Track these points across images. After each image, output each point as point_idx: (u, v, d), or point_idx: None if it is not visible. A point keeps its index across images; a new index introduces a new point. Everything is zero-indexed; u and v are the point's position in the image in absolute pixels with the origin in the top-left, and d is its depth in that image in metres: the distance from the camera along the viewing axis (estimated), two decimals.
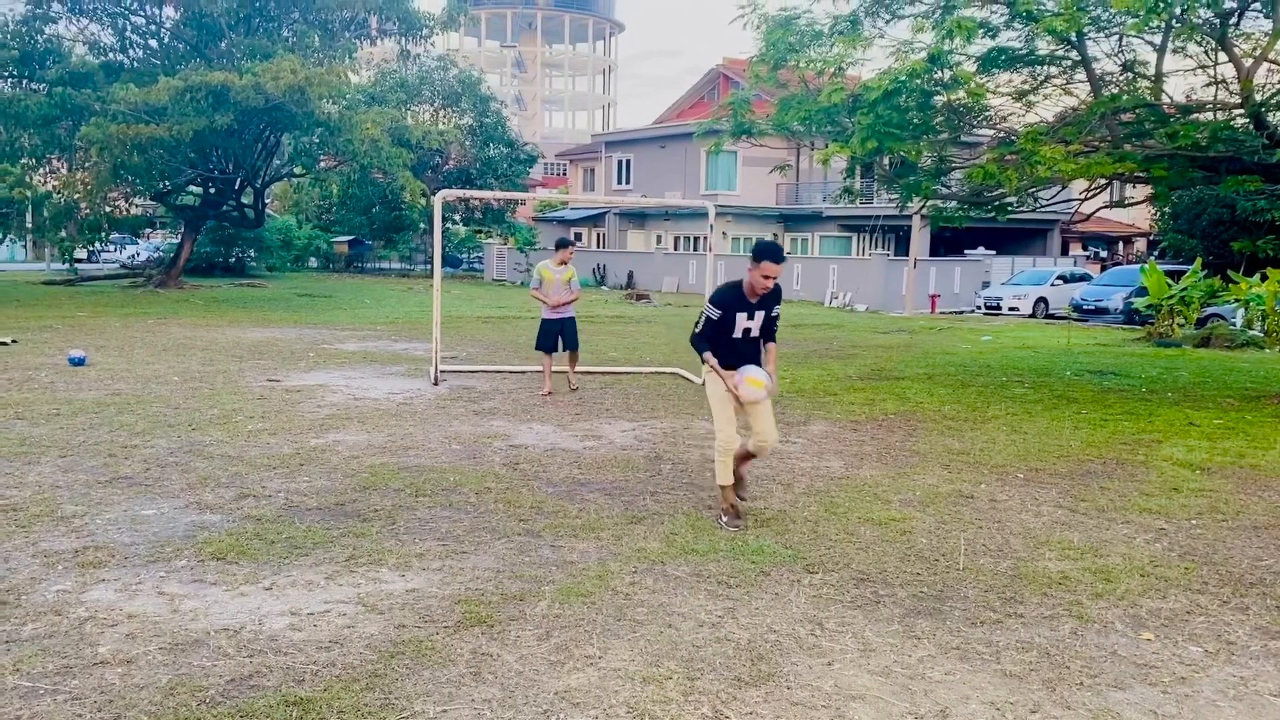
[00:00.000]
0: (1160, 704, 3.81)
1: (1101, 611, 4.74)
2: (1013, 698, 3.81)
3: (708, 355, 6.08)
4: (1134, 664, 4.16)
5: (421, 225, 43.69)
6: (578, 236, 47.63)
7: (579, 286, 11.60)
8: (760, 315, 6.08)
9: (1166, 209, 30.15)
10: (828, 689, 3.84)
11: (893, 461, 8.01)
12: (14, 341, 14.56)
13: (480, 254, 49.50)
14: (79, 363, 12.25)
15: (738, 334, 6.06)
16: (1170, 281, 22.21)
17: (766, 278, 5.90)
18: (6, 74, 25.87)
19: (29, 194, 27.41)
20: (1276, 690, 3.95)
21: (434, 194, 12.44)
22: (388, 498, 6.47)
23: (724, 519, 6.05)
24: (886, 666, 4.07)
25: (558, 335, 11.30)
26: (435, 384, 11.61)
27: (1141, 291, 23.43)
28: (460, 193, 24.91)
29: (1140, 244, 45.21)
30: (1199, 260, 23.33)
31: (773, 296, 6.08)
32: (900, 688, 3.88)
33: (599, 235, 48.16)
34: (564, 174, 61.66)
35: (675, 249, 43.03)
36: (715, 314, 6.01)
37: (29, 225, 31.33)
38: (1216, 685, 3.99)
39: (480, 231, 49.84)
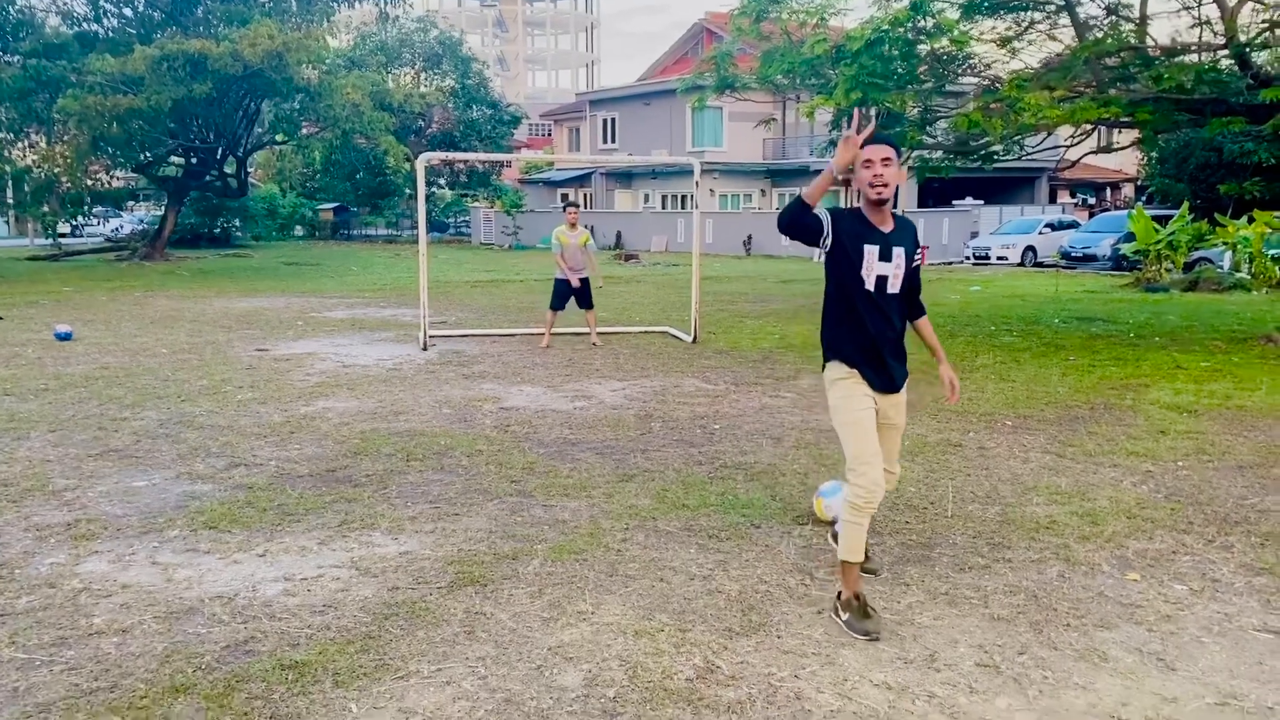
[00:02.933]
0: (1146, 642, 3.86)
1: (1088, 554, 4.79)
2: (1000, 640, 3.86)
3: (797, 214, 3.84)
4: (1120, 604, 4.22)
5: (407, 190, 43.50)
6: (564, 197, 47.42)
7: (595, 248, 12.33)
8: (899, 258, 3.98)
9: (1153, 154, 30.08)
10: (818, 637, 3.89)
11: None
12: (0, 318, 14.48)
13: (467, 218, 49.23)
14: (65, 337, 12.19)
15: (869, 284, 3.96)
16: (1158, 226, 22.22)
17: (869, 166, 3.88)
18: None
19: (8, 169, 27.16)
20: (1260, 625, 4.01)
21: (417, 158, 12.37)
22: (379, 463, 6.48)
23: (844, 616, 3.95)
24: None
25: (569, 296, 11.87)
26: (424, 349, 11.60)
27: (1129, 237, 23.45)
28: (443, 155, 24.85)
29: (1128, 190, 45.17)
30: (1186, 204, 23.33)
31: (909, 233, 4.09)
32: (889, 633, 3.92)
33: (586, 196, 47.94)
34: (549, 134, 61.19)
35: (663, 208, 42.88)
36: (826, 223, 3.89)
37: (10, 200, 31.04)
38: (1201, 622, 4.05)
39: (466, 195, 49.57)
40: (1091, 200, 44.62)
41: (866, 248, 3.93)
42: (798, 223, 3.85)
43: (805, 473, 6.21)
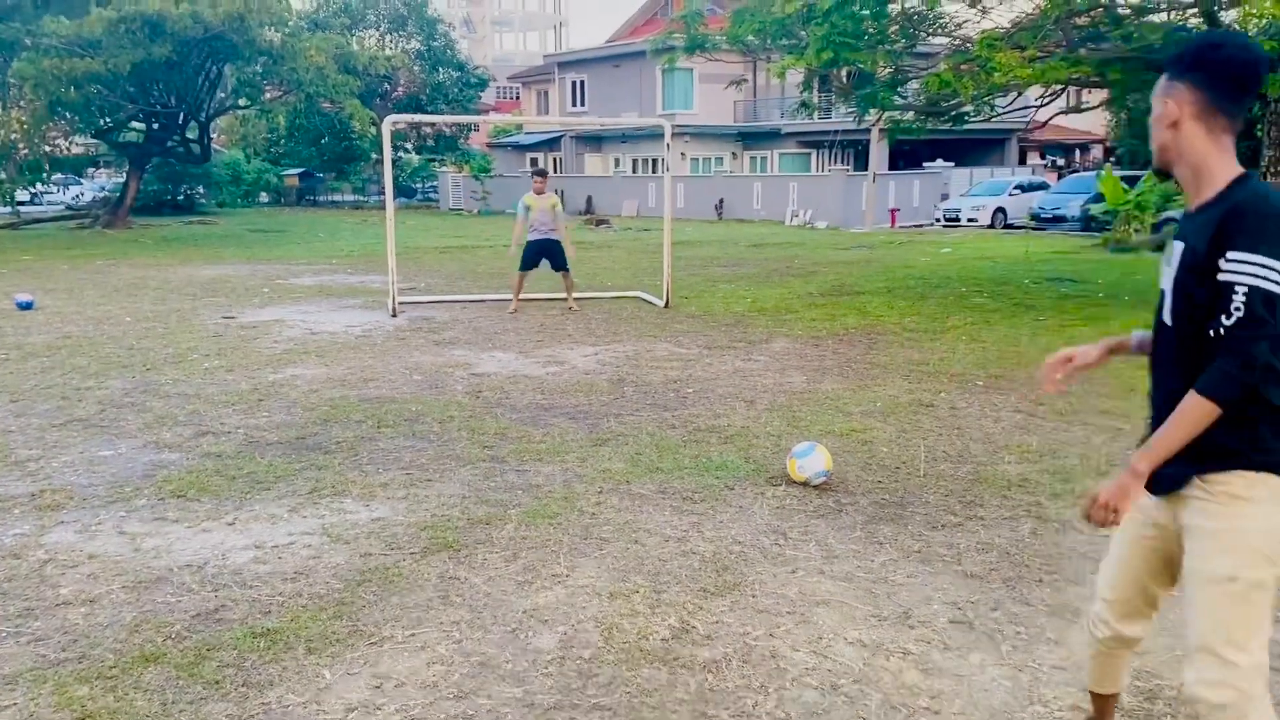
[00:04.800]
0: None
1: (1060, 511, 4.83)
2: (974, 597, 3.88)
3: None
4: (1092, 560, 4.24)
5: (373, 155, 42.93)
6: (534, 163, 47.02)
7: (564, 215, 12.32)
8: (1177, 258, 2.41)
9: (1122, 115, 30.18)
10: (792, 595, 3.90)
11: (854, 375, 8.06)
12: None
13: (435, 183, 48.70)
14: (27, 307, 11.96)
15: (1162, 303, 2.53)
16: (1126, 187, 22.32)
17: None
18: None
19: None
20: None
21: (383, 122, 12.16)
22: (349, 430, 6.42)
23: None
24: (849, 572, 4.13)
25: (540, 256, 11.75)
26: (394, 316, 11.49)
27: (1098, 198, 23.53)
28: (409, 117, 24.52)
29: (1097, 151, 45.35)
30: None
31: (1217, 219, 2.22)
32: (864, 591, 3.94)
33: (555, 160, 47.51)
34: (517, 98, 60.49)
35: (634, 172, 42.57)
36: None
37: None
38: None
39: (434, 160, 49.00)
40: (1061, 162, 44.78)
41: (1170, 245, 2.43)
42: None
43: (778, 435, 6.21)
